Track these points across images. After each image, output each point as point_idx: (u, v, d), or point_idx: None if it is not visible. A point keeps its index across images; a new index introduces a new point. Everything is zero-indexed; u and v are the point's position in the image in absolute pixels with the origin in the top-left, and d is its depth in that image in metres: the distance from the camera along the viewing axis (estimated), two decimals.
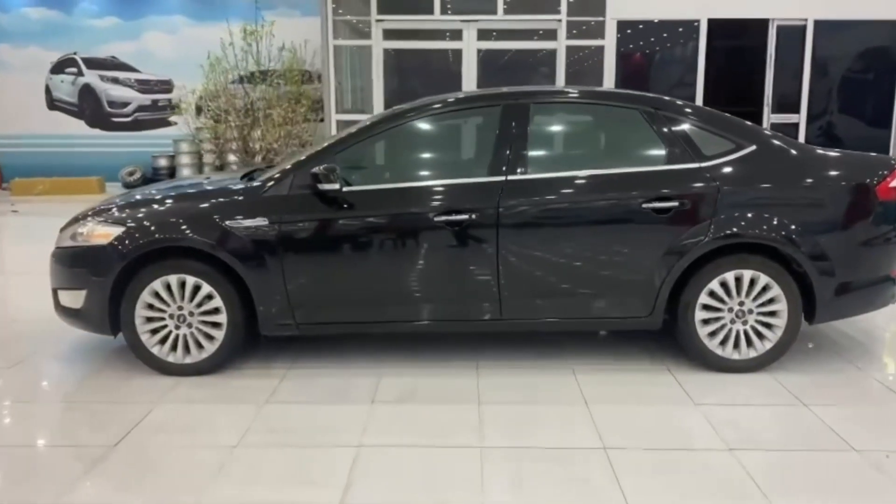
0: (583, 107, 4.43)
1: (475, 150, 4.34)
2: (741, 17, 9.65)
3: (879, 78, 9.85)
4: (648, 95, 4.38)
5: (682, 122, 4.23)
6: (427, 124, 4.38)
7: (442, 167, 4.37)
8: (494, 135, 4.20)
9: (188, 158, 13.92)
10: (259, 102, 9.20)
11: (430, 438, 3.42)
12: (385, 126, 4.29)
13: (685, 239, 4.06)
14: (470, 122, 4.47)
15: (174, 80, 14.54)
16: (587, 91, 4.49)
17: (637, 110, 4.27)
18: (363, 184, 4.16)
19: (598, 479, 3.04)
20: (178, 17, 14.54)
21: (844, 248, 4.14)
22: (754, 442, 3.38)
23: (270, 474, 3.10)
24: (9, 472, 3.14)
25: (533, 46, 9.94)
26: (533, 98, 4.30)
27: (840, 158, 4.31)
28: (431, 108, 4.37)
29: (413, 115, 4.33)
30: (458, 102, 4.44)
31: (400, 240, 4.11)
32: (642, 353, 4.51)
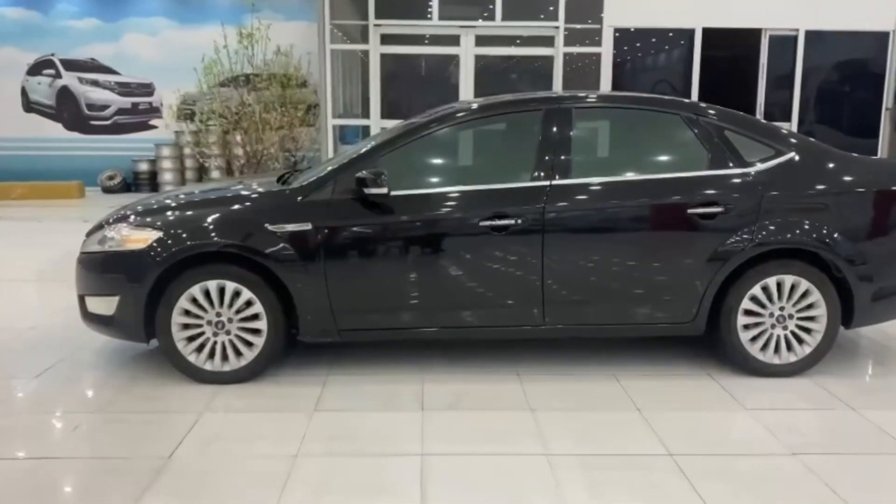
0: (624, 112, 4.43)
1: (518, 154, 4.31)
2: (735, 26, 9.79)
3: (867, 88, 10.08)
4: (689, 101, 4.40)
5: (723, 128, 4.25)
6: (468, 129, 4.35)
7: (484, 172, 4.33)
8: (538, 139, 4.18)
9: (170, 163, 13.70)
10: (256, 106, 9.05)
11: (492, 446, 3.37)
12: (425, 131, 4.23)
13: (729, 244, 4.07)
14: (512, 126, 4.44)
15: (155, 83, 14.33)
16: (628, 96, 4.50)
17: (678, 116, 4.29)
18: (405, 188, 4.09)
19: (673, 486, 3.02)
20: (159, 20, 14.30)
21: (881, 253, 4.20)
22: (815, 446, 3.40)
23: (341, 484, 3.03)
24: (74, 486, 3.02)
25: (530, 53, 9.97)
26: (575, 102, 4.29)
27: (876, 164, 4.40)
28: (472, 113, 4.34)
29: (453, 119, 4.29)
30: (500, 107, 4.42)
31: (445, 245, 4.06)
32: (679, 358, 4.51)
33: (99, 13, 14.24)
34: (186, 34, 14.16)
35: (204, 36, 14.26)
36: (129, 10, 14.24)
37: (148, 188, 13.91)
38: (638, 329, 4.26)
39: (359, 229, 4.03)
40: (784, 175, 4.17)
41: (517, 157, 4.30)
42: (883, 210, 4.23)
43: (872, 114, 9.95)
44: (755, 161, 4.20)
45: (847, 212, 4.19)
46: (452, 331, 4.18)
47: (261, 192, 4.36)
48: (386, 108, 9.86)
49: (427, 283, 4.08)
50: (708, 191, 4.11)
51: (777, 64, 9.96)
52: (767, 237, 4.08)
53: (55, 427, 3.59)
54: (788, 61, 9.95)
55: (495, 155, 4.45)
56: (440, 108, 4.53)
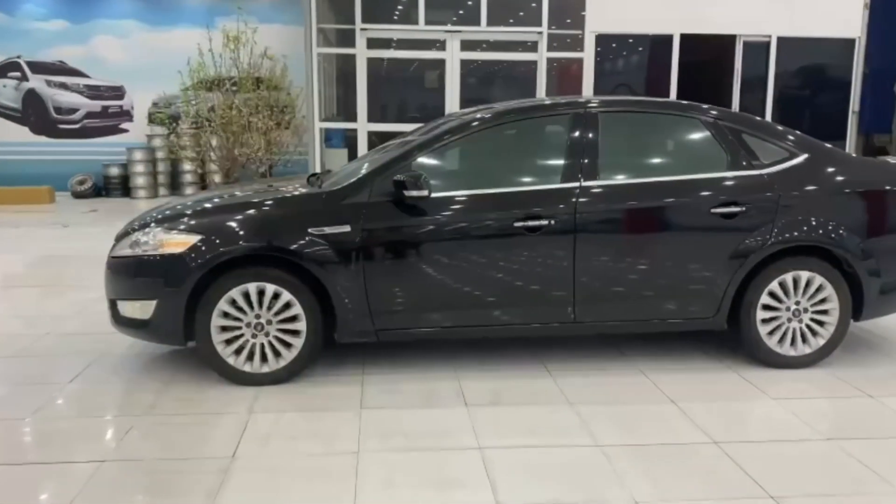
0: (647, 116, 4.58)
1: (548, 156, 4.44)
2: (711, 32, 10.11)
3: (835, 92, 10.50)
4: (706, 106, 4.58)
5: (740, 131, 4.45)
6: (498, 132, 4.46)
7: (516, 173, 4.44)
8: (566, 142, 4.33)
9: (143, 167, 13.54)
10: (243, 109, 9.01)
11: (544, 439, 3.49)
12: (457, 134, 4.34)
13: (749, 242, 4.26)
14: (541, 129, 4.56)
15: (126, 86, 14.13)
16: (650, 101, 4.67)
17: (698, 119, 4.47)
18: (440, 191, 4.18)
19: (726, 471, 3.18)
20: (129, 22, 14.11)
21: (887, 249, 4.44)
22: (847, 431, 3.60)
23: (410, 477, 3.11)
24: (148, 486, 3.04)
25: (515, 58, 10.14)
26: (602, 107, 4.44)
27: (880, 165, 4.62)
28: (502, 116, 4.46)
29: (484, 122, 4.41)
30: (529, 110, 4.54)
31: (480, 245, 4.17)
32: (697, 352, 4.70)
33: (67, 15, 13.98)
34: (158, 37, 14.01)
35: (176, 39, 14.14)
36: (98, 11, 14.02)
37: (120, 193, 13.72)
38: (663, 325, 4.42)
39: (397, 231, 4.11)
40: (797, 176, 4.38)
41: (548, 159, 4.42)
42: (888, 208, 4.47)
43: (840, 117, 10.38)
44: (770, 162, 4.40)
45: (855, 210, 4.42)
46: (487, 329, 4.29)
47: (298, 194, 4.41)
48: (373, 111, 9.92)
49: (462, 283, 4.18)
50: (730, 191, 4.30)
51: (751, 69, 10.32)
52: (784, 235, 4.28)
53: (107, 430, 3.59)
54: (761, 66, 10.32)
55: (526, 157, 4.57)
56: (471, 111, 4.65)
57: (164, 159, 13.74)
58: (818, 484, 3.08)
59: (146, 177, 13.58)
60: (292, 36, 12.82)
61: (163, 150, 13.67)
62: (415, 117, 10.19)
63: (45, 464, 3.25)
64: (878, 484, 3.09)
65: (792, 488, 3.02)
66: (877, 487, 3.06)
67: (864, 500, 2.96)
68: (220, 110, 9.02)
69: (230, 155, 9.10)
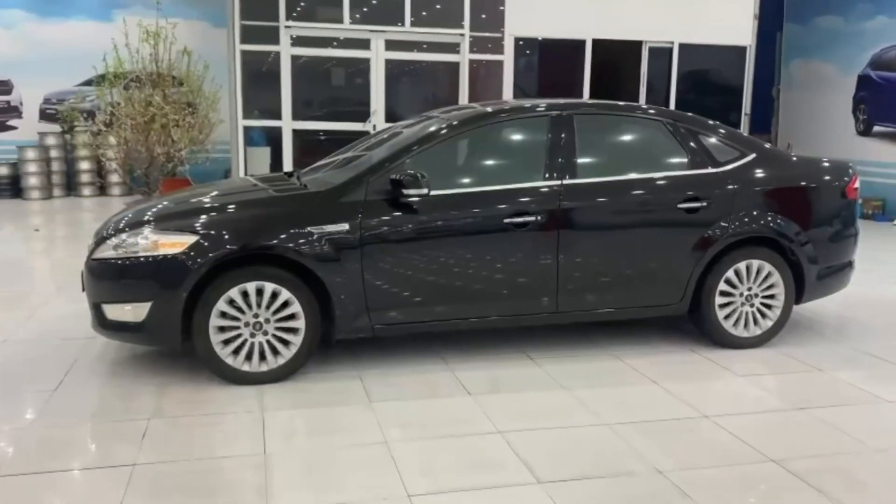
0: (615, 118, 4.91)
1: (533, 156, 4.65)
2: (619, 38, 10.69)
3: (730, 95, 11.33)
4: (668, 110, 4.97)
5: (697, 132, 4.86)
6: (483, 133, 4.65)
7: (503, 172, 4.64)
8: (546, 142, 4.58)
9: (36, 167, 12.78)
10: (167, 107, 8.73)
11: (555, 421, 3.73)
12: (447, 135, 4.49)
13: (710, 234, 4.67)
14: (522, 130, 4.78)
15: (13, 80, 13.29)
16: (617, 105, 4.98)
17: (661, 122, 4.84)
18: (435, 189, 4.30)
19: (726, 440, 3.53)
20: (15, 12, 13.28)
21: (824, 238, 4.96)
22: (812, 401, 4.03)
23: (445, 463, 3.26)
24: (195, 488, 3.04)
25: (438, 59, 10.34)
26: (576, 110, 4.72)
27: (818, 163, 5.15)
28: (487, 119, 4.66)
29: (468, 125, 4.58)
30: (509, 112, 4.74)
31: (474, 241, 4.36)
32: (660, 337, 5.07)
33: None
34: (48, 29, 13.28)
35: (69, 31, 13.46)
36: None
37: (9, 194, 12.89)
38: (636, 312, 4.76)
39: (395, 228, 4.23)
40: (748, 173, 4.83)
41: (530, 158, 4.65)
42: (825, 202, 5.00)
43: (735, 118, 11.20)
44: (725, 161, 4.83)
45: (797, 204, 4.91)
46: (479, 321, 4.48)
47: (296, 193, 4.44)
48: (297, 109, 9.86)
49: (455, 278, 4.35)
50: (693, 188, 4.68)
51: (656, 72, 10.98)
52: (740, 227, 4.72)
53: (121, 435, 3.52)
54: (665, 71, 11.00)
55: (510, 157, 4.79)
56: (455, 113, 4.81)
57: (58, 158, 13.06)
58: (808, 447, 3.47)
59: (40, 177, 12.82)
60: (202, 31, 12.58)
61: (57, 149, 13.00)
62: (340, 115, 10.22)
63: (73, 470, 3.17)
64: (853, 444, 3.51)
65: (788, 453, 3.39)
66: (855, 447, 3.48)
67: (851, 459, 3.37)
68: (139, 107, 8.70)
69: (149, 154, 8.80)
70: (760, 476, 3.19)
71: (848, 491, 3.07)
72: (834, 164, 5.19)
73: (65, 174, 13.24)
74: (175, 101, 9.01)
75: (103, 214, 10.98)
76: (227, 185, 5.06)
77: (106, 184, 13.30)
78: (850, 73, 12.14)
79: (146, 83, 8.73)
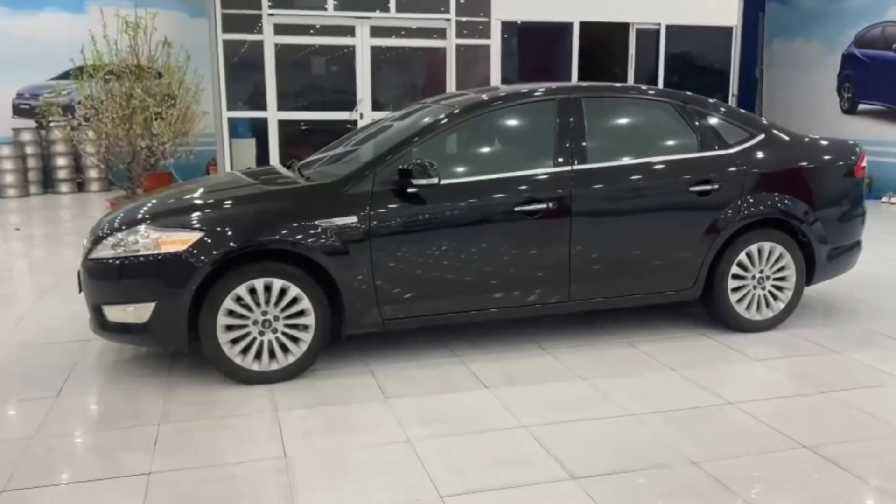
0: (624, 101, 4.82)
1: (539, 142, 4.54)
2: (606, 20, 10.59)
3: (717, 76, 11.31)
4: (677, 91, 4.87)
5: (706, 114, 4.78)
6: (489, 119, 4.53)
7: (511, 160, 4.52)
8: (555, 128, 4.46)
9: (11, 164, 12.44)
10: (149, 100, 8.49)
11: (578, 413, 3.64)
12: (453, 122, 4.37)
13: (722, 217, 4.59)
14: (529, 116, 4.66)
15: None
16: (625, 87, 4.90)
17: (670, 104, 4.75)
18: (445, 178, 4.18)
19: (752, 426, 3.46)
20: None
21: (833, 218, 4.91)
22: (832, 384, 3.98)
23: (474, 460, 3.16)
24: (218, 496, 2.92)
25: (425, 44, 10.18)
26: (584, 93, 4.62)
27: (827, 143, 5.08)
28: (492, 104, 4.52)
29: (474, 111, 4.45)
30: (515, 97, 4.61)
31: (485, 231, 4.25)
32: (670, 323, 5.01)
33: None
34: (21, 22, 12.92)
35: (43, 24, 13.10)
36: None
37: None
38: (649, 298, 4.69)
39: (404, 219, 4.10)
40: (758, 154, 4.76)
41: (540, 144, 4.53)
42: (835, 182, 4.95)
43: (721, 99, 11.13)
44: (735, 143, 4.75)
45: (807, 184, 4.86)
46: (490, 312, 4.37)
47: (303, 186, 4.30)
48: (283, 99, 9.67)
49: (466, 269, 4.24)
50: (705, 171, 4.60)
51: (643, 54, 10.91)
52: (751, 209, 4.65)
53: (133, 441, 3.38)
54: (652, 52, 10.93)
55: (518, 143, 4.67)
56: (458, 100, 4.69)
57: (34, 155, 12.74)
58: (838, 432, 3.42)
59: (16, 174, 12.49)
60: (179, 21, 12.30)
61: (33, 146, 12.69)
62: (326, 104, 10.05)
63: (87, 482, 3.03)
64: (882, 427, 3.46)
65: (817, 438, 3.33)
66: (884, 430, 3.43)
67: (883, 443, 3.31)
68: (120, 100, 8.47)
69: (132, 148, 8.57)
70: (796, 463, 3.12)
71: (887, 477, 3.01)
72: (841, 143, 5.15)
73: (41, 171, 12.93)
74: (157, 93, 8.78)
75: (84, 211, 10.76)
76: (216, 181, 4.91)
77: (85, 180, 13.01)
78: (834, 52, 12.15)
79: (126, 76, 8.49)
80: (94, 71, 8.57)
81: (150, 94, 8.68)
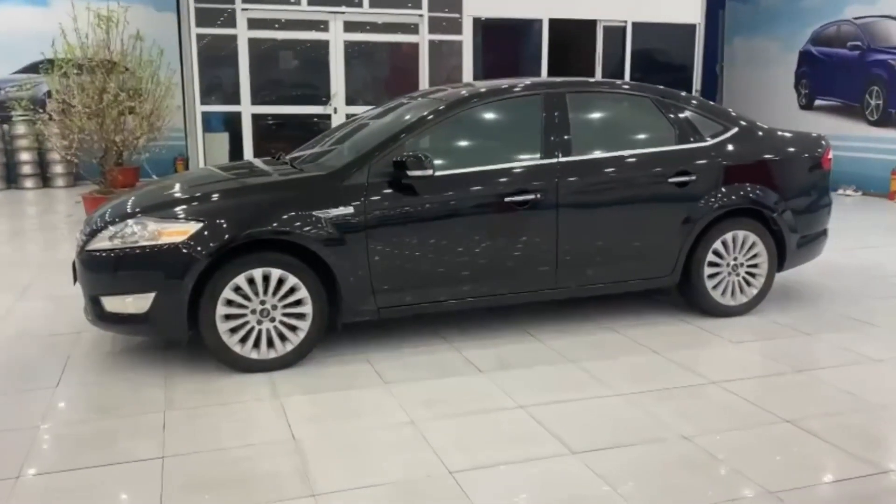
0: (605, 95, 4.99)
1: (526, 135, 4.69)
2: (575, 17, 10.81)
3: (681, 71, 11.61)
4: (655, 86, 5.06)
5: (683, 108, 4.98)
6: (477, 113, 4.66)
7: (499, 152, 4.64)
8: (541, 121, 4.62)
9: None
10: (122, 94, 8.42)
11: (572, 394, 3.80)
12: (443, 116, 4.49)
13: (699, 207, 4.80)
14: (515, 110, 4.79)
15: None
16: (607, 82, 5.07)
17: (648, 98, 4.94)
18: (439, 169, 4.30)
19: (738, 404, 3.66)
20: None
21: (802, 208, 5.16)
22: (808, 363, 4.23)
23: (478, 439, 3.30)
24: (234, 477, 3.01)
25: (398, 40, 10.27)
26: (568, 88, 4.78)
27: (796, 136, 5.32)
28: (481, 99, 4.65)
29: (464, 104, 4.58)
30: (502, 92, 4.76)
31: (477, 221, 4.39)
32: (652, 310, 5.20)
33: None
34: None
35: (3, 17, 12.84)
36: None
37: None
38: (631, 285, 4.88)
39: (399, 210, 4.22)
40: (733, 147, 4.97)
41: (527, 137, 4.68)
42: (804, 173, 5.19)
43: (685, 90, 11.48)
44: (711, 136, 4.96)
45: (778, 175, 5.08)
46: (483, 299, 4.51)
47: (299, 177, 4.39)
48: (256, 93, 9.69)
49: (460, 257, 4.37)
50: (683, 162, 4.80)
51: (610, 51, 11.16)
52: (726, 199, 4.87)
53: (141, 428, 3.44)
54: (619, 49, 11.19)
55: (510, 136, 4.80)
56: (448, 94, 4.81)
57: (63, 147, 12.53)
58: (816, 407, 3.63)
59: None
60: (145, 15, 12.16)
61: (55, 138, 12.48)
62: (300, 98, 10.08)
63: (102, 466, 3.09)
64: (856, 401, 3.69)
65: (797, 412, 3.54)
66: (859, 404, 3.66)
67: (859, 416, 3.53)
68: (93, 95, 8.39)
69: (108, 142, 8.50)
70: (780, 436, 3.32)
71: (866, 446, 3.23)
72: (809, 137, 5.39)
73: (4, 166, 12.71)
74: (130, 87, 8.72)
75: (51, 207, 10.64)
76: (200, 175, 4.98)
77: (50, 175, 12.82)
78: (791, 50, 12.56)
79: (98, 70, 8.42)
80: (65, 64, 8.48)
81: (122, 88, 8.62)
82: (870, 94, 11.15)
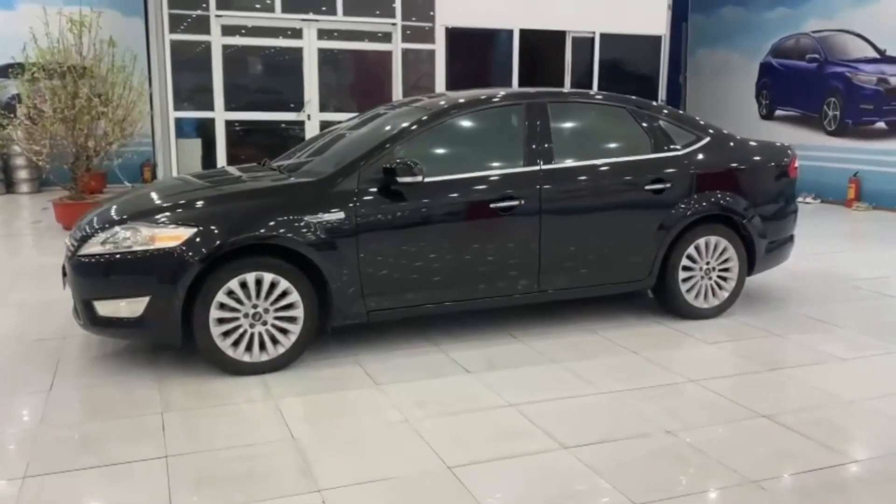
0: (585, 105, 5.17)
1: (509, 143, 4.83)
2: (544, 28, 11.04)
3: (647, 81, 11.92)
4: (631, 97, 5.26)
5: (657, 118, 5.18)
6: (461, 122, 4.80)
7: (483, 160, 4.77)
8: (524, 130, 4.77)
9: None
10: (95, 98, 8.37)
11: (558, 392, 3.95)
12: (429, 124, 4.62)
13: (674, 213, 5.00)
14: (499, 119, 4.94)
15: None
16: (586, 93, 5.25)
17: (625, 109, 5.13)
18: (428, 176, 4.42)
19: (717, 401, 3.84)
20: None
21: (771, 214, 5.39)
22: (780, 363, 4.43)
23: (473, 436, 3.42)
24: (237, 475, 3.08)
25: (371, 48, 10.38)
26: (549, 98, 4.95)
27: (764, 146, 5.56)
28: (464, 108, 4.80)
29: (450, 113, 4.72)
30: (484, 101, 4.90)
31: (464, 226, 4.53)
32: (628, 312, 5.38)
33: None
34: None
35: None
36: None
37: None
38: (610, 288, 5.05)
39: (389, 215, 4.33)
40: (705, 155, 5.19)
41: (508, 145, 4.83)
42: (772, 181, 5.43)
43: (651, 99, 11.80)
44: (684, 145, 5.17)
45: (748, 183, 5.31)
46: (468, 303, 4.64)
47: (291, 183, 4.47)
48: (229, 99, 9.71)
49: (448, 262, 4.50)
50: (659, 170, 4.99)
51: (579, 61, 11.41)
52: (699, 206, 5.07)
53: (140, 429, 3.49)
54: (587, 59, 11.44)
55: (490, 144, 4.93)
56: (435, 102, 4.94)
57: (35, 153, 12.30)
58: (790, 403, 3.84)
59: None
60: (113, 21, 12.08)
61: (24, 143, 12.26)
62: (274, 105, 10.12)
63: (106, 465, 3.15)
64: (828, 397, 3.90)
65: (773, 408, 3.73)
66: (829, 400, 3.87)
67: (830, 411, 3.73)
68: (65, 100, 8.34)
69: (81, 147, 8.44)
70: (758, 430, 3.51)
71: (837, 438, 3.43)
72: (776, 146, 5.64)
73: None
74: (102, 92, 8.68)
75: (16, 213, 10.49)
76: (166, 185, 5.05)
77: (15, 181, 12.63)
78: (752, 61, 12.95)
79: (69, 75, 8.37)
80: (35, 68, 8.41)
81: (94, 93, 8.58)
82: (828, 105, 11.56)
